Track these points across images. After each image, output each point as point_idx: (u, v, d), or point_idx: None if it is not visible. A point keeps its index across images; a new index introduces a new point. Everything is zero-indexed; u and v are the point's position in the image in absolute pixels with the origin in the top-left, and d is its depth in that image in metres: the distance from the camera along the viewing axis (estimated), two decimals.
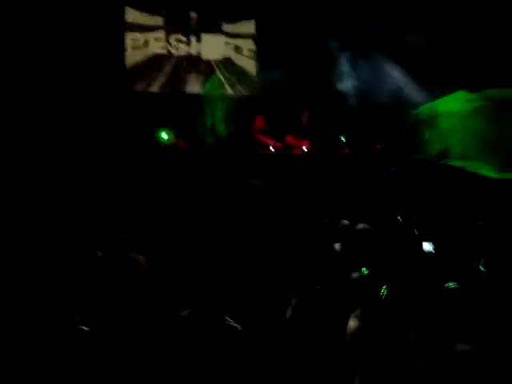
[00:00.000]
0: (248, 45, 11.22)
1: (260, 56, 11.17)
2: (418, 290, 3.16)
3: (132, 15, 10.52)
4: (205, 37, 11.00)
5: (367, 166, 9.01)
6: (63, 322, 2.93)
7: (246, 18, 11.19)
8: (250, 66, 11.24)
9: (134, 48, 10.59)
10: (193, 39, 10.94)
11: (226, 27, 11.08)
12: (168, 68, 10.85)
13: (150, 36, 10.68)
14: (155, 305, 3.61)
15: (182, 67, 10.90)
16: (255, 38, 11.22)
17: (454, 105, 9.50)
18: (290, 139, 9.67)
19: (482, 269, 3.85)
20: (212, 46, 11.06)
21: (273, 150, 9.49)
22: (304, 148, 9.60)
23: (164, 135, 9.73)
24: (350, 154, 9.43)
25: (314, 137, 9.88)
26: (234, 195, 8.32)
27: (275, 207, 8.23)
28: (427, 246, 4.77)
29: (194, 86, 10.94)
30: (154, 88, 10.77)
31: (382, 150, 9.83)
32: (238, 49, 11.18)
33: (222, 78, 11.07)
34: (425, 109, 10.03)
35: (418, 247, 4.53)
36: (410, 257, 4.22)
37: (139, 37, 10.59)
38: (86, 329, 2.96)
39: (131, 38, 10.55)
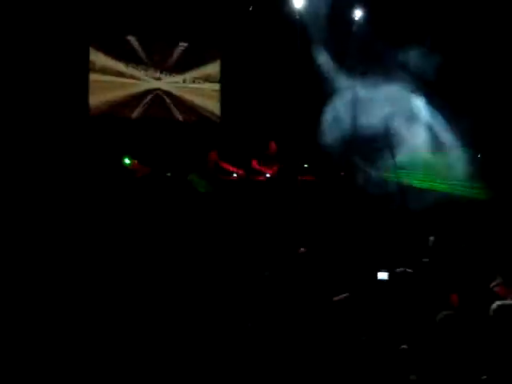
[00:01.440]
0: (212, 86, 11.34)
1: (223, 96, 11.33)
2: None
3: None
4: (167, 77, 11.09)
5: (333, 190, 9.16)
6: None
7: (211, 59, 11.33)
8: (214, 106, 11.35)
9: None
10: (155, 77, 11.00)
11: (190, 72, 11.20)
12: (131, 99, 10.85)
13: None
14: None
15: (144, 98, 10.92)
16: (220, 79, 11.36)
17: None
18: (254, 164, 9.62)
19: None
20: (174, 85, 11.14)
21: (235, 175, 9.44)
22: (268, 175, 9.56)
23: (126, 160, 9.65)
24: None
25: (279, 164, 9.91)
26: (196, 220, 8.26)
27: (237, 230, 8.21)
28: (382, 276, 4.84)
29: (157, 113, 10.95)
30: (118, 114, 10.70)
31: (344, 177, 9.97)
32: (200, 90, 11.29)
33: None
34: None
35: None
36: None
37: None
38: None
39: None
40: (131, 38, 10.68)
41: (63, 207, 8.63)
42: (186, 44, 11.06)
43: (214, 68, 11.35)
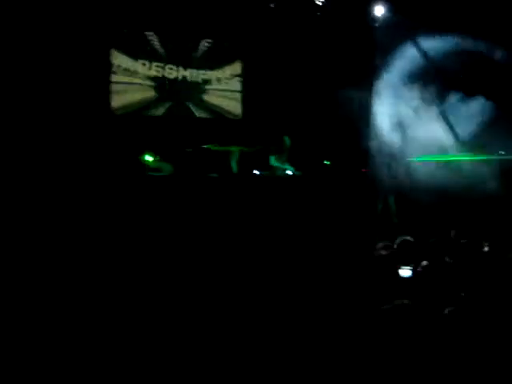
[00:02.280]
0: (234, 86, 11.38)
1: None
2: None
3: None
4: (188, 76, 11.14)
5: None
6: None
7: (233, 59, 11.35)
8: (235, 105, 11.38)
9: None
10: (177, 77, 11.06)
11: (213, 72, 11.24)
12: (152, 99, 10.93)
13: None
14: None
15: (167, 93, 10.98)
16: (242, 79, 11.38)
17: None
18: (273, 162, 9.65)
19: None
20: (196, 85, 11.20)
21: (257, 172, 9.50)
22: (288, 172, 9.58)
23: (148, 157, 9.73)
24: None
25: (298, 161, 9.93)
26: (223, 219, 8.29)
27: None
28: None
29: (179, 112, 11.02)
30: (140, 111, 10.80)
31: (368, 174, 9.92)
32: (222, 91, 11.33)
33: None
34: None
35: None
36: None
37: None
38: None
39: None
40: (153, 37, 10.75)
41: (86, 203, 8.76)
42: (208, 42, 11.10)
43: (235, 68, 11.38)
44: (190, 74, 11.09)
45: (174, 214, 8.45)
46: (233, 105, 11.37)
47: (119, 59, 10.53)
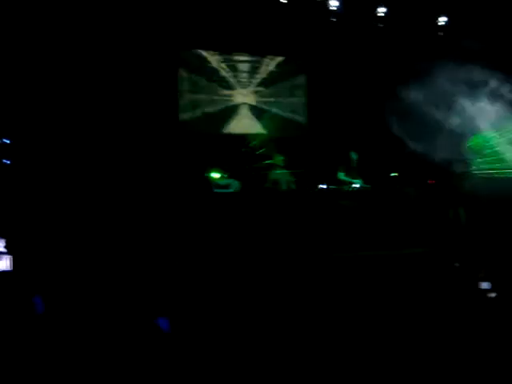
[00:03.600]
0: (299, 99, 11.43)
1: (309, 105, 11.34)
2: None
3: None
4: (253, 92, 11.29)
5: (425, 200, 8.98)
6: None
7: (298, 72, 11.44)
8: (300, 119, 11.46)
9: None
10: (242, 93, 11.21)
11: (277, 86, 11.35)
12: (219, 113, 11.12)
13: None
14: None
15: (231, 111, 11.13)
16: (306, 90, 11.44)
17: None
18: (341, 176, 9.63)
19: None
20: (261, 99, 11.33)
21: (324, 186, 9.46)
22: (356, 185, 9.52)
23: (215, 174, 9.82)
24: (409, 189, 9.38)
25: (365, 175, 9.85)
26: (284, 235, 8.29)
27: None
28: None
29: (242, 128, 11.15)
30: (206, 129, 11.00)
31: (436, 186, 9.75)
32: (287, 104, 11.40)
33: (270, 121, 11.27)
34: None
35: None
36: None
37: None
38: None
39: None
40: (216, 56, 10.97)
41: (152, 218, 8.95)
42: (272, 57, 11.22)
43: (300, 81, 11.45)
44: (255, 90, 11.22)
45: (240, 231, 8.52)
46: (298, 117, 11.42)
47: (186, 76, 10.80)
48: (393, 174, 10.19)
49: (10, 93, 9.01)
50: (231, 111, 11.16)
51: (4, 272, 6.82)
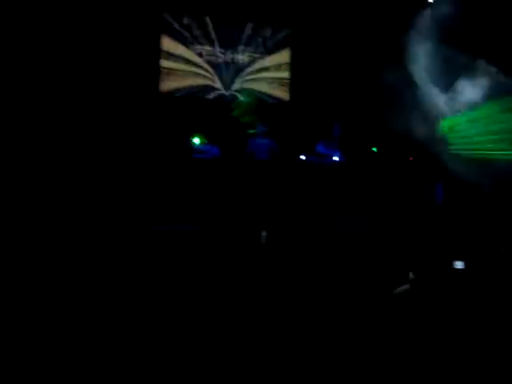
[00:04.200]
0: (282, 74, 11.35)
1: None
2: None
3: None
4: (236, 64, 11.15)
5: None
6: None
7: (281, 47, 11.33)
8: (283, 93, 11.39)
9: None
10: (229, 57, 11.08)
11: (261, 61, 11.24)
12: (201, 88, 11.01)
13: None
14: None
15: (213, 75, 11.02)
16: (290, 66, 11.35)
17: None
18: (320, 148, 9.64)
19: None
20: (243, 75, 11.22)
21: (303, 157, 9.47)
22: (335, 158, 9.55)
23: (196, 140, 9.77)
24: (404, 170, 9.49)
25: (345, 148, 9.87)
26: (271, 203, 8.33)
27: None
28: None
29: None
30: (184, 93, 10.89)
31: (414, 162, 9.83)
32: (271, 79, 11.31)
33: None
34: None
35: None
36: None
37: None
38: None
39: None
40: (203, 22, 10.82)
41: (134, 182, 8.93)
42: (255, 28, 11.09)
43: (283, 56, 11.33)
44: (240, 60, 11.11)
45: (219, 197, 8.53)
46: (281, 92, 11.37)
47: (169, 45, 10.63)
48: (373, 149, 10.20)
49: None
50: (214, 81, 11.04)
51: None
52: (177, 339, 3.18)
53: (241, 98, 10.88)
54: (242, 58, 11.07)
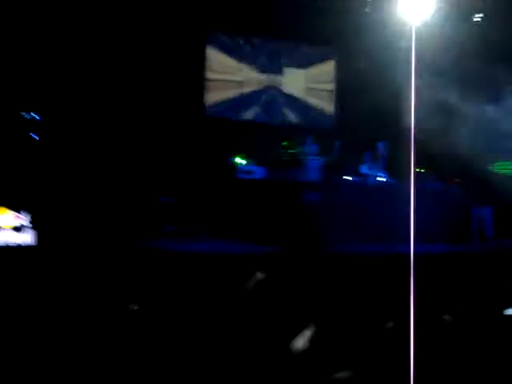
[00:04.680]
0: (326, 85, 11.38)
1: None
2: None
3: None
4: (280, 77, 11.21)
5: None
6: None
7: (326, 59, 11.37)
8: (326, 105, 11.40)
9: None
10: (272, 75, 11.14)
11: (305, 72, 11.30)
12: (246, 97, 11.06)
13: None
14: None
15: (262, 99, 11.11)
16: (334, 78, 11.39)
17: None
18: (365, 169, 9.57)
19: None
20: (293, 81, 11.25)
21: (349, 178, 9.40)
22: (380, 178, 9.45)
23: (239, 160, 9.83)
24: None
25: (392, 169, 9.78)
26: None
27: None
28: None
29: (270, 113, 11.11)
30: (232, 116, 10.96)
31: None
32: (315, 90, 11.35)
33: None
34: None
35: None
36: None
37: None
38: None
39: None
40: (247, 38, 10.95)
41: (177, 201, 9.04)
42: (301, 43, 11.17)
43: (328, 68, 11.37)
44: (283, 75, 11.20)
45: (263, 216, 8.53)
46: (325, 105, 11.39)
47: (217, 58, 10.72)
48: (419, 170, 10.04)
49: (43, 69, 9.01)
50: (258, 95, 11.09)
51: (28, 246, 6.93)
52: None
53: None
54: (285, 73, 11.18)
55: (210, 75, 10.69)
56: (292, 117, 11.26)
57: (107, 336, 2.89)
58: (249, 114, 11.03)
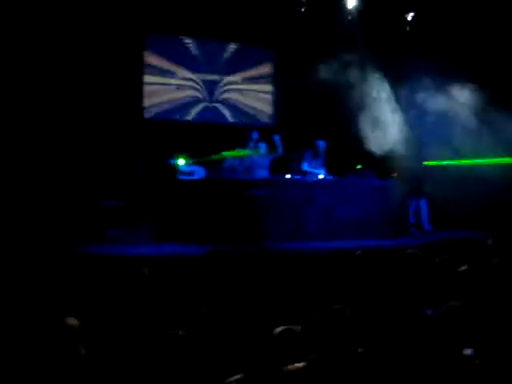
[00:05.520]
0: (265, 87, 11.45)
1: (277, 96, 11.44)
2: None
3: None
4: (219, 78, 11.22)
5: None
6: None
7: (265, 59, 11.44)
8: (265, 105, 11.49)
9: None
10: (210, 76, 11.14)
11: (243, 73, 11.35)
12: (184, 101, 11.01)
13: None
14: None
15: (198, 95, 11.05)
16: (272, 79, 11.48)
17: None
18: (306, 166, 9.69)
19: None
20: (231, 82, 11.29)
21: (289, 176, 9.49)
22: (320, 176, 9.59)
23: (180, 162, 9.78)
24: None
25: (332, 166, 9.94)
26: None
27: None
28: None
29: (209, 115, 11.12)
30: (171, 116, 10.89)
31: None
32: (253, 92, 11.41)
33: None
34: None
35: None
36: None
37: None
38: None
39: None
40: (186, 40, 10.88)
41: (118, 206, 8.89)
42: (238, 45, 11.19)
43: (266, 69, 11.44)
44: (222, 77, 11.19)
45: (204, 218, 8.51)
46: (264, 106, 11.45)
47: (152, 60, 10.59)
48: (358, 167, 10.26)
49: None
50: (196, 98, 11.06)
51: None
52: None
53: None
54: (223, 74, 11.19)
55: (147, 78, 10.58)
56: (231, 117, 11.28)
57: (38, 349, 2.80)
58: (188, 116, 10.98)
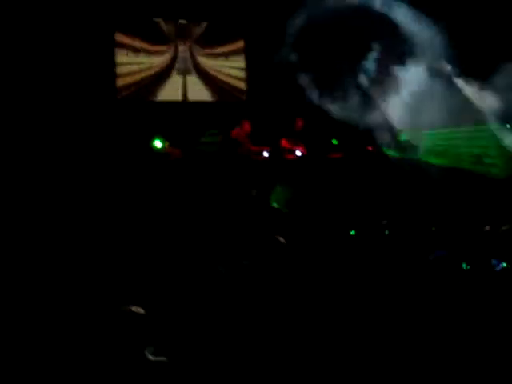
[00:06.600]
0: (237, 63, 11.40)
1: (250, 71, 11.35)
2: None
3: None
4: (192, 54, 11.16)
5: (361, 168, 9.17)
6: None
7: (237, 36, 11.36)
8: (239, 83, 11.45)
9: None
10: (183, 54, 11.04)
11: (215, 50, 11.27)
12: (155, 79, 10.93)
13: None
14: None
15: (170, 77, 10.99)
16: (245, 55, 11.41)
17: None
18: (284, 143, 9.70)
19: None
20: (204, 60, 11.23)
21: (266, 155, 9.50)
22: (298, 153, 9.62)
23: (158, 143, 9.70)
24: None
25: (307, 142, 9.94)
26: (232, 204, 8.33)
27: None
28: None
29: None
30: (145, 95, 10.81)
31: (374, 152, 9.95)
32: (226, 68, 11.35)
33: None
34: None
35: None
36: None
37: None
38: None
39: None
40: (157, 19, 10.79)
41: (93, 190, 8.82)
42: (210, 22, 11.12)
43: (238, 45, 11.38)
44: (195, 54, 11.13)
45: (182, 198, 8.51)
46: (238, 83, 11.40)
47: (124, 40, 10.53)
48: (334, 142, 10.29)
49: None
50: (169, 75, 11.00)
51: None
52: None
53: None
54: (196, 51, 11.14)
55: (119, 59, 10.47)
56: (205, 94, 11.21)
57: None
58: (163, 95, 10.89)
